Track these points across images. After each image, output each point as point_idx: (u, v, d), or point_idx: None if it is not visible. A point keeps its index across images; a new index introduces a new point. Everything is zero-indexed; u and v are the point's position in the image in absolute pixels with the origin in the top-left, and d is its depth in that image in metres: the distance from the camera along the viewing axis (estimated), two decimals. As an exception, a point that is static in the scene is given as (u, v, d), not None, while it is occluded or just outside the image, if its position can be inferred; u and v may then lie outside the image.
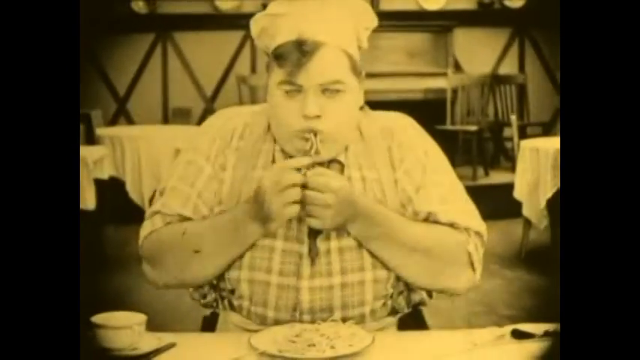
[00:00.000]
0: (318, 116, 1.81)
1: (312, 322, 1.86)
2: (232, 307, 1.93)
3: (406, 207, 1.90)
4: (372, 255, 1.88)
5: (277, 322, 1.87)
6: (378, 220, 1.84)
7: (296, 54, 1.80)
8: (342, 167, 1.90)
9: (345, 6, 1.89)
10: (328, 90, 1.82)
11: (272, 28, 1.88)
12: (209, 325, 2.05)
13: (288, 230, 1.87)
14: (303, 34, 1.81)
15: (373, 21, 1.94)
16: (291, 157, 1.87)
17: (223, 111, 2.04)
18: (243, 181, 1.90)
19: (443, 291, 1.94)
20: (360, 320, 1.89)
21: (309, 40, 1.81)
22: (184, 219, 1.91)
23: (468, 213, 1.93)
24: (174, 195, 1.92)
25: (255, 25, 1.92)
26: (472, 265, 1.91)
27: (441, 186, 1.92)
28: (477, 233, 1.92)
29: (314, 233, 1.87)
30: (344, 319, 1.86)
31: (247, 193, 1.87)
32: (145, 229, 1.94)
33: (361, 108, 1.95)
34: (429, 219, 1.90)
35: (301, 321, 1.86)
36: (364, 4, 1.93)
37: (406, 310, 1.98)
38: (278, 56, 1.83)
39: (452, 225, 1.90)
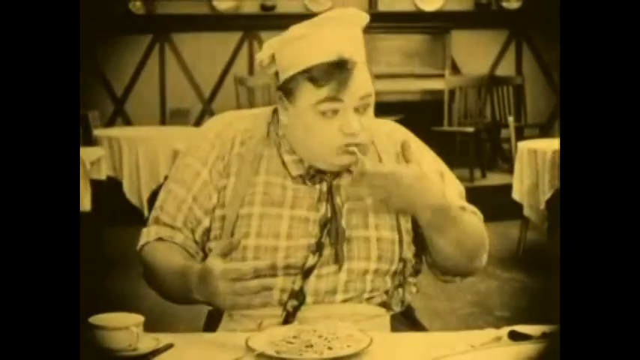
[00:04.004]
0: (359, 132, 1.90)
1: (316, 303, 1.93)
2: None
3: None
4: (422, 243, 2.01)
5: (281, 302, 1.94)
6: (449, 212, 1.93)
7: (339, 75, 1.87)
8: (351, 173, 1.98)
9: (354, 18, 1.95)
10: (361, 106, 1.91)
11: (293, 50, 1.91)
12: (212, 319, 2.06)
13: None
14: (341, 53, 1.88)
15: (367, 19, 2.00)
16: (320, 171, 1.97)
17: (223, 115, 2.10)
18: (246, 186, 1.96)
19: (468, 272, 2.08)
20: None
21: (349, 59, 1.88)
22: (177, 229, 1.99)
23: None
24: (170, 198, 2.01)
25: (268, 49, 1.96)
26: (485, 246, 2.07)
27: (456, 184, 2.08)
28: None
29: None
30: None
31: (250, 196, 1.95)
32: (142, 237, 2.03)
33: None
34: None
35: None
36: (360, 11, 1.97)
37: (397, 309, 2.03)
38: (316, 78, 1.88)
39: (463, 207, 2.03)
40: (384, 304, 2.00)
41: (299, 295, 1.93)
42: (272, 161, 1.98)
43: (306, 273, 1.93)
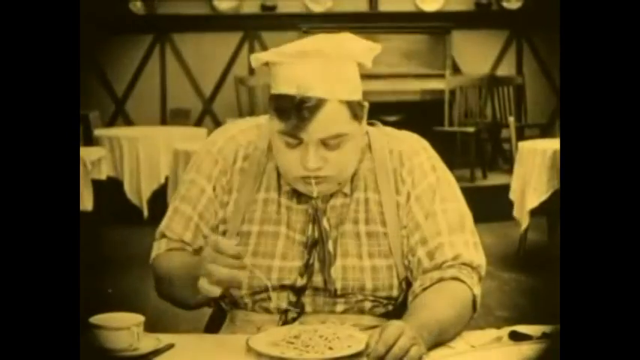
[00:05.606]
0: (319, 168, 1.83)
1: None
2: (237, 306, 1.97)
3: (413, 232, 1.92)
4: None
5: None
6: (435, 331, 1.75)
7: (297, 113, 1.78)
8: (345, 195, 1.94)
9: (344, 48, 1.86)
10: (331, 142, 1.82)
11: (273, 71, 1.84)
12: (214, 323, 2.07)
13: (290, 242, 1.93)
14: (303, 89, 1.79)
15: (376, 50, 1.94)
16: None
17: (227, 127, 2.06)
18: (248, 204, 1.95)
19: None
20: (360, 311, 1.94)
21: (311, 97, 1.79)
22: (186, 244, 1.98)
23: (472, 246, 1.93)
24: (177, 216, 1.99)
25: (256, 61, 1.89)
26: (475, 306, 1.91)
27: (449, 214, 1.93)
28: (477, 267, 1.92)
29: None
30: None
31: (250, 213, 1.94)
32: (153, 251, 2.02)
33: (373, 124, 1.99)
34: (435, 253, 1.90)
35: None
36: (364, 43, 1.92)
37: None
38: (278, 110, 1.81)
39: (456, 258, 1.90)
40: (387, 315, 1.95)
41: (297, 305, 1.92)
42: (271, 176, 1.96)
43: (297, 292, 1.91)
